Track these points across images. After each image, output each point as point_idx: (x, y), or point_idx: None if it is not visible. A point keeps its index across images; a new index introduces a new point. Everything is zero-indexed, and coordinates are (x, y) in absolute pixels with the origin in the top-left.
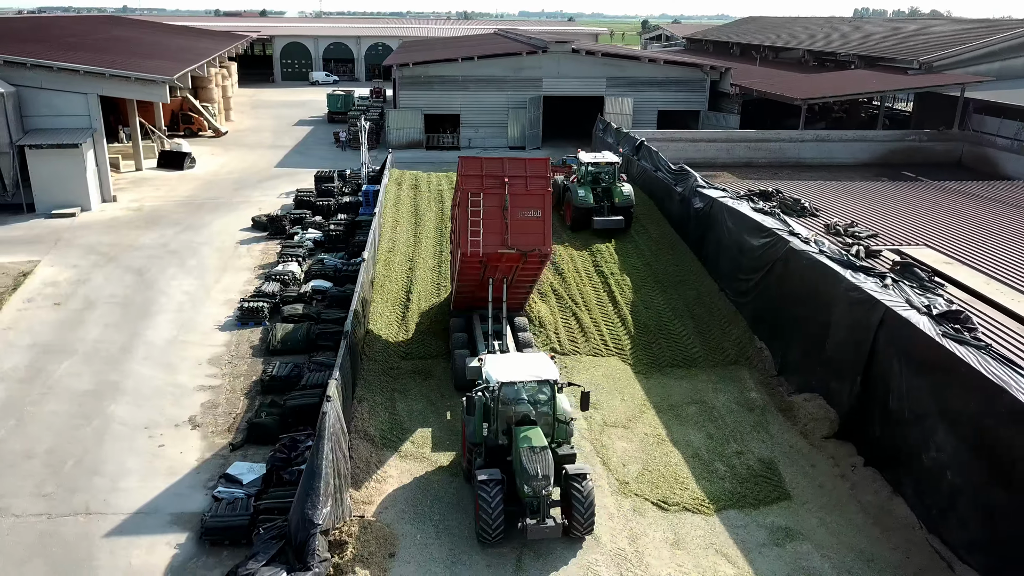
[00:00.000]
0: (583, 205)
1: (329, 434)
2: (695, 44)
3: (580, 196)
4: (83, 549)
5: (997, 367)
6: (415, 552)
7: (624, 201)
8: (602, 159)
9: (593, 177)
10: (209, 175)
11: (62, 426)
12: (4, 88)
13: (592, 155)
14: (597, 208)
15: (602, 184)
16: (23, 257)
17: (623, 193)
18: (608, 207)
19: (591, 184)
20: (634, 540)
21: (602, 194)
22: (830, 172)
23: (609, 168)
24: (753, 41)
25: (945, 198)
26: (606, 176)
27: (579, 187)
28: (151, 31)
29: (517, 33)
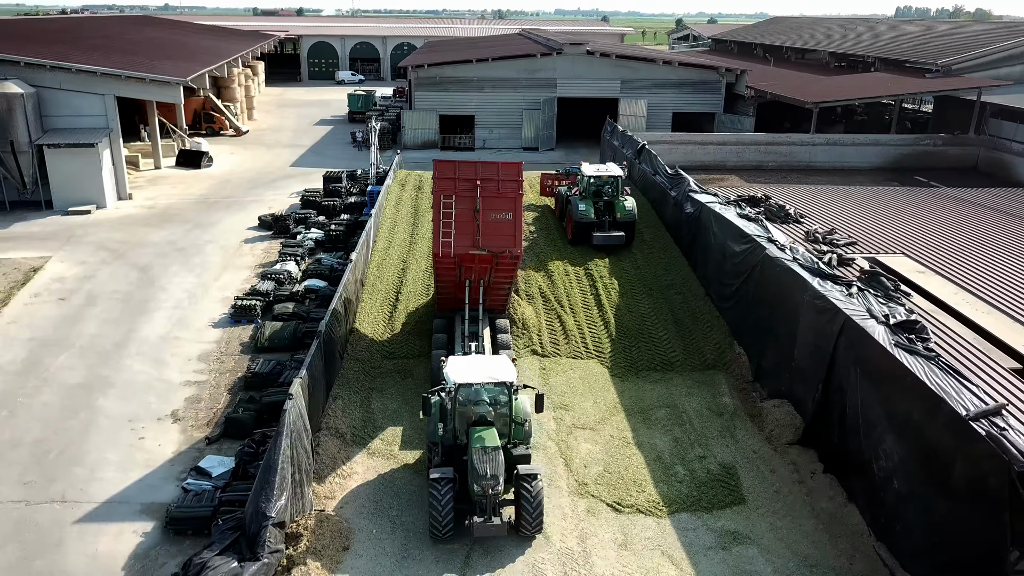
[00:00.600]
0: (583, 219)
1: (289, 431)
2: (720, 45)
3: (580, 210)
4: (55, 535)
5: (941, 377)
6: (368, 546)
7: (626, 216)
8: (605, 172)
9: (595, 190)
10: (225, 174)
11: (51, 417)
12: (24, 89)
13: (595, 167)
14: (598, 223)
15: (604, 198)
16: (36, 253)
17: (625, 208)
18: (609, 222)
19: (593, 197)
20: (583, 540)
21: (604, 208)
22: (841, 176)
23: (612, 181)
24: (777, 42)
25: (946, 206)
26: (609, 189)
27: (580, 200)
28: (180, 31)
29: (539, 34)
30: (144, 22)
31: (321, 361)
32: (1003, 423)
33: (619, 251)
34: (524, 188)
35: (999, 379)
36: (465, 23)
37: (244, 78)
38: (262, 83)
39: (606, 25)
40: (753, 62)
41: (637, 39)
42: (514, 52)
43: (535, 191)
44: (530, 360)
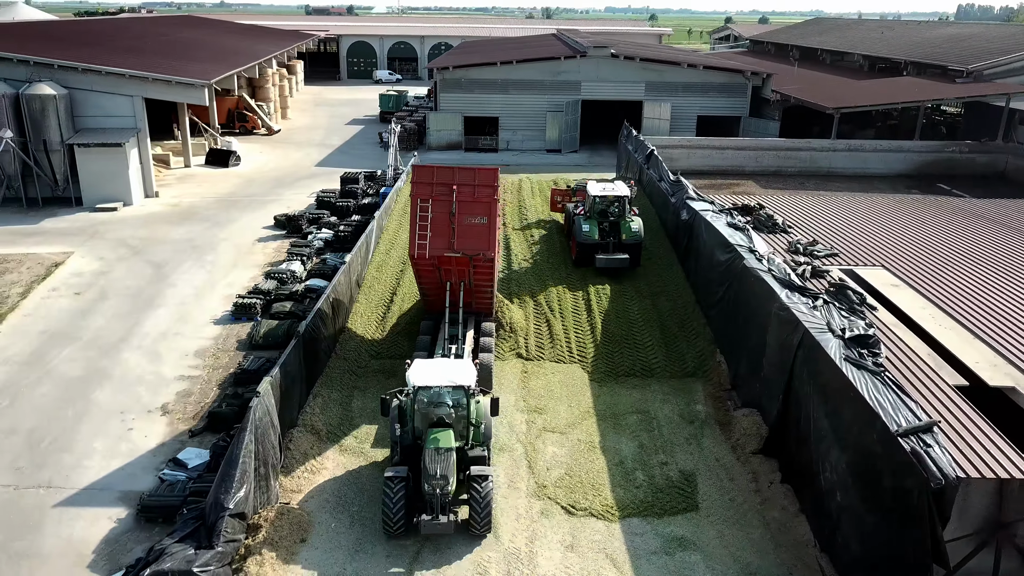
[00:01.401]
0: (587, 241)
1: (253, 427)
2: (758, 46)
3: (584, 231)
4: (36, 518)
5: (882, 392)
6: (325, 539)
7: (632, 238)
8: (611, 192)
9: (601, 210)
10: (252, 172)
11: (48, 407)
12: (57, 91)
13: (601, 186)
14: (602, 244)
15: (610, 218)
16: (60, 248)
17: (631, 229)
18: (614, 243)
19: (599, 217)
20: (532, 541)
21: (609, 229)
22: (861, 183)
23: (618, 201)
24: (813, 44)
25: (951, 217)
26: (615, 209)
27: (584, 221)
28: (218, 32)
29: (573, 35)
30: (185, 23)
31: (300, 360)
32: (931, 440)
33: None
34: (536, 200)
35: (941, 396)
36: (502, 23)
37: (279, 78)
38: (301, 82)
39: (644, 25)
40: (787, 64)
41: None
42: (539, 55)
43: (545, 203)
44: (514, 363)
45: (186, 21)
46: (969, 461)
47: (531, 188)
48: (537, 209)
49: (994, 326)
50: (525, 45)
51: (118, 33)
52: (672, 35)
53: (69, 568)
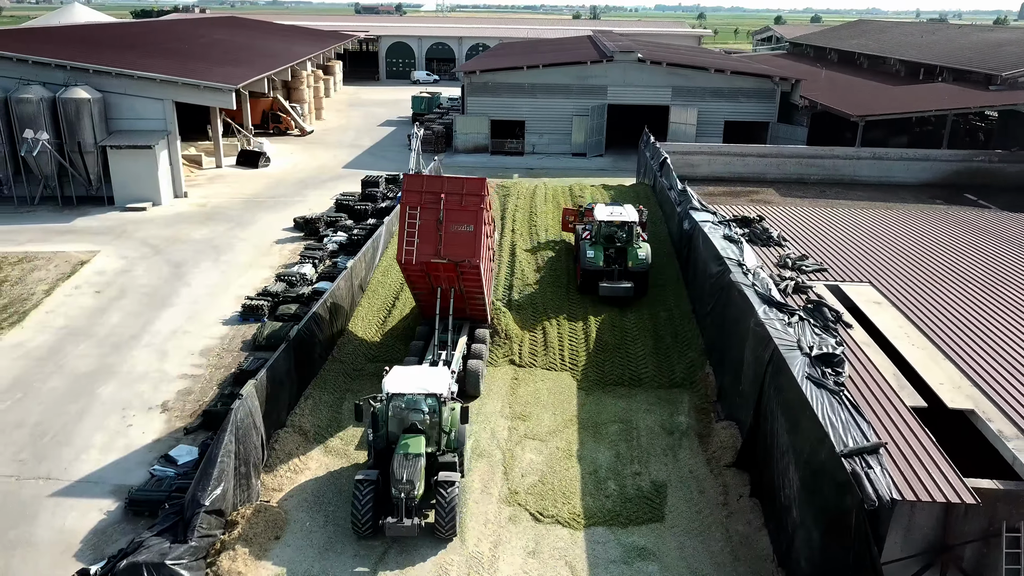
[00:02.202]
0: (591, 267)
1: (234, 428)
2: (797, 48)
3: (589, 257)
4: (32, 508)
5: (837, 411)
6: (298, 537)
7: (639, 265)
8: (618, 217)
9: (607, 236)
10: (280, 174)
11: (55, 402)
12: (91, 94)
13: (608, 210)
14: (607, 271)
15: (617, 244)
16: (87, 247)
17: (638, 256)
18: (619, 271)
19: (605, 242)
20: (496, 546)
21: (615, 255)
22: (884, 192)
23: (625, 227)
24: (851, 48)
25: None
26: (622, 235)
27: (590, 246)
28: (257, 33)
29: (609, 37)
30: (227, 24)
31: (290, 363)
32: (875, 462)
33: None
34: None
35: (896, 417)
36: (540, 25)
37: (313, 79)
38: (339, 82)
39: (683, 26)
40: (825, 68)
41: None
42: (567, 59)
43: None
44: (505, 369)
45: (228, 23)
46: (907, 483)
47: (545, 195)
48: (548, 216)
49: (967, 346)
50: (559, 48)
51: (158, 36)
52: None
53: (57, 557)
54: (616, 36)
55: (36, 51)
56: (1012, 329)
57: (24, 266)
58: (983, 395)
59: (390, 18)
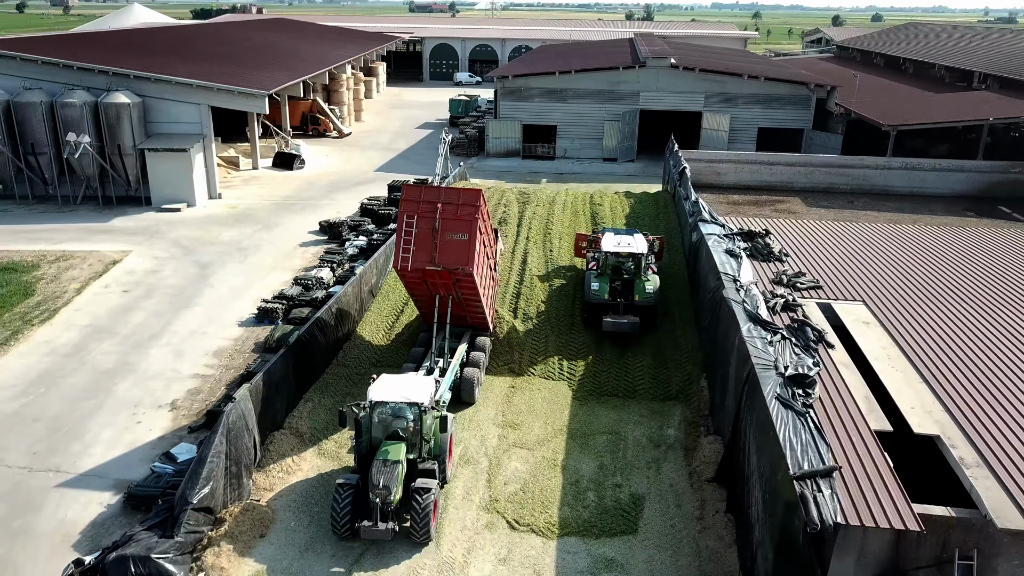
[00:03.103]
0: (594, 300)
1: (225, 429)
2: (844, 52)
3: (593, 289)
4: (39, 499)
5: (799, 433)
6: (282, 536)
7: (645, 299)
8: (625, 248)
9: (614, 267)
10: (312, 176)
11: (73, 397)
12: (131, 99)
13: (616, 240)
14: (612, 305)
15: (624, 275)
16: (121, 246)
17: (645, 290)
18: (624, 304)
19: (612, 273)
20: (469, 552)
21: (621, 288)
22: (915, 203)
23: (633, 258)
24: (896, 52)
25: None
26: (629, 266)
27: (595, 277)
28: (302, 36)
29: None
30: (273, 26)
31: (288, 367)
32: (827, 485)
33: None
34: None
35: (857, 441)
36: (584, 26)
37: (353, 82)
38: (382, 83)
39: (732, 28)
40: (863, 73)
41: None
42: (599, 64)
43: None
44: (504, 377)
45: (275, 25)
46: (855, 507)
47: (564, 202)
48: (564, 224)
49: (948, 370)
50: (597, 51)
51: (203, 40)
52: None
53: (56, 546)
54: (654, 40)
55: (82, 57)
56: (996, 354)
57: (60, 264)
58: (952, 420)
59: (435, 19)
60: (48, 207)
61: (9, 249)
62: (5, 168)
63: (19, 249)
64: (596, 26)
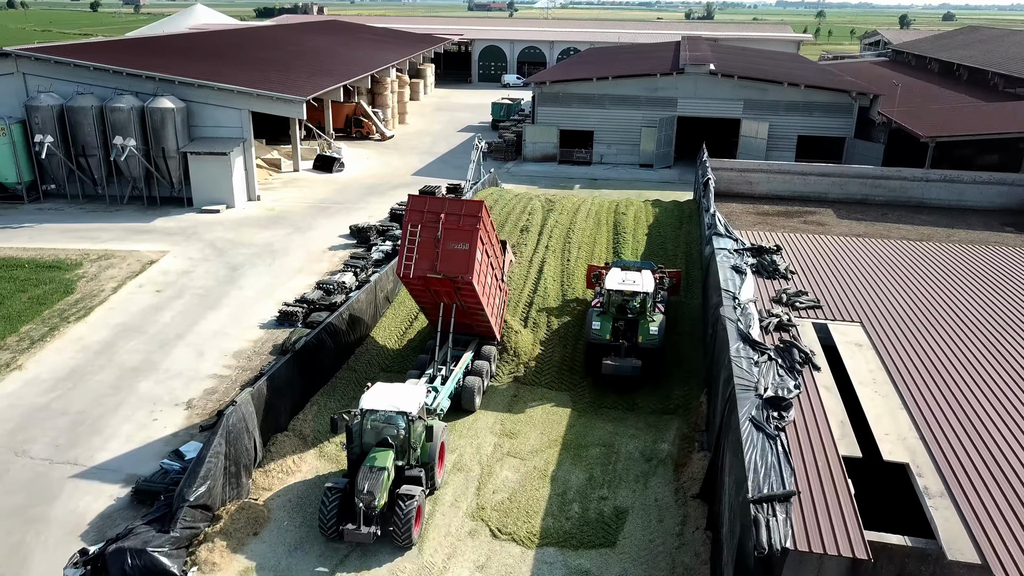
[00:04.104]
0: (595, 340)
1: (225, 431)
2: (899, 56)
3: (594, 329)
4: (55, 489)
5: (765, 456)
6: (275, 535)
7: (649, 342)
8: (629, 286)
9: (619, 305)
10: (350, 179)
11: (98, 393)
12: (175, 104)
13: (621, 277)
14: (614, 346)
15: (628, 314)
16: (159, 247)
17: (649, 332)
18: (627, 346)
19: (616, 312)
20: (450, 557)
21: (625, 328)
22: (952, 216)
23: (638, 298)
24: (952, 58)
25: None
26: (634, 305)
27: (597, 316)
28: (351, 38)
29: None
30: (323, 29)
31: (293, 372)
32: (782, 510)
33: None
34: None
35: (823, 466)
36: (634, 28)
37: (397, 85)
38: (430, 85)
39: (787, 31)
40: (920, 78)
41: (844, 37)
42: (638, 70)
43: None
44: (508, 386)
45: (327, 27)
46: (807, 533)
47: (588, 211)
48: (585, 233)
49: (931, 397)
50: (642, 54)
51: (252, 43)
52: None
53: (65, 535)
54: (700, 44)
55: (133, 63)
56: (985, 383)
57: (101, 263)
58: (925, 449)
59: (487, 20)
60: (97, 206)
61: (56, 247)
62: (58, 169)
63: (65, 248)
64: (648, 28)
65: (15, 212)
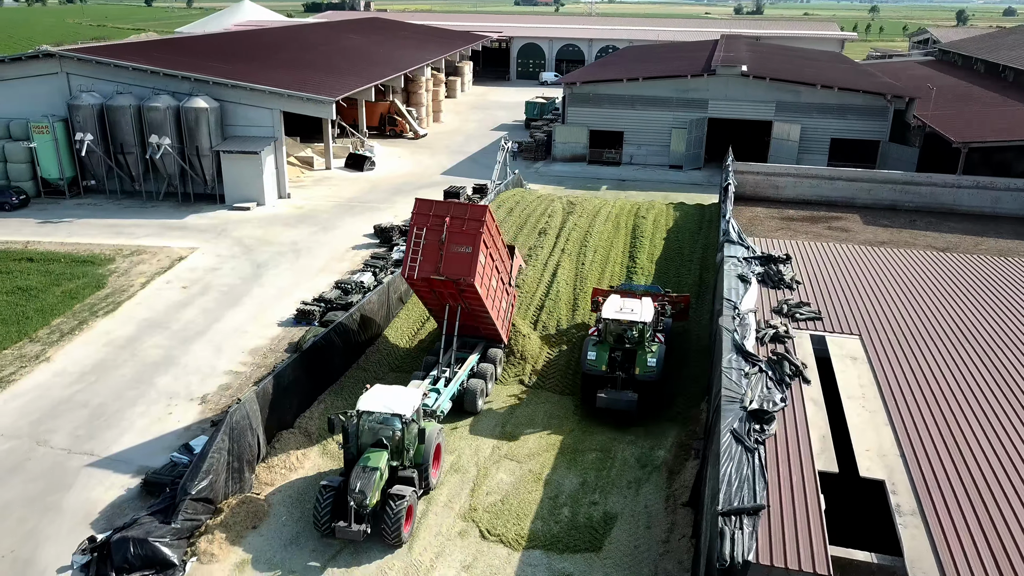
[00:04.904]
0: (591, 371)
1: (229, 428)
2: (945, 56)
3: (589, 359)
4: (71, 478)
5: (741, 468)
6: (272, 529)
7: (646, 374)
8: (627, 315)
9: (617, 335)
10: (379, 178)
11: (119, 387)
12: (209, 104)
13: (619, 305)
14: (610, 378)
15: (626, 344)
16: (189, 243)
17: (646, 364)
18: (623, 378)
19: (614, 341)
20: (438, 557)
21: (622, 359)
22: (983, 224)
23: (636, 328)
24: (998, 59)
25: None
26: (632, 335)
27: (593, 346)
28: (390, 36)
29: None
30: (362, 27)
31: (301, 371)
32: (749, 523)
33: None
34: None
35: (797, 480)
36: (674, 26)
37: (432, 84)
38: (468, 83)
39: (833, 28)
40: (965, 80)
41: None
42: (666, 72)
43: (618, 232)
44: (512, 389)
45: (366, 26)
46: (771, 547)
47: (608, 214)
48: (602, 237)
49: (917, 414)
50: (682, 54)
51: (289, 43)
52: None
53: (77, 523)
54: (738, 43)
55: (169, 63)
56: (974, 402)
57: (133, 259)
58: (904, 466)
59: (525, 18)
60: (134, 202)
61: (92, 242)
62: (98, 165)
63: (100, 243)
64: (691, 24)
65: (57, 206)
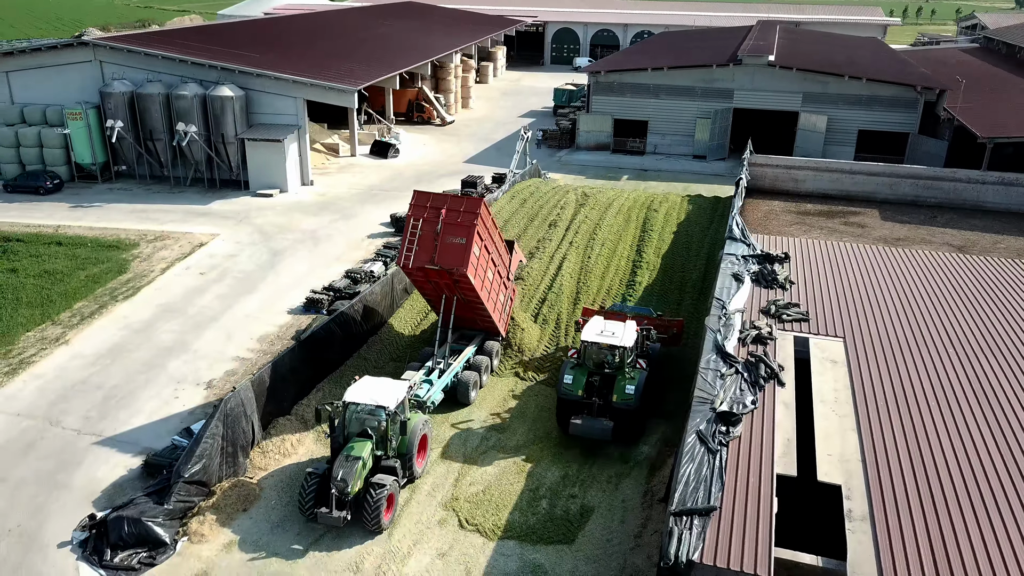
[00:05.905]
0: (566, 396)
1: (223, 414)
2: (990, 43)
3: (566, 383)
4: (80, 457)
5: (700, 469)
6: (262, 512)
7: (623, 401)
8: (607, 339)
9: (597, 360)
10: (403, 165)
11: (132, 370)
12: (235, 92)
13: (599, 327)
14: (587, 404)
15: (606, 369)
16: (212, 229)
17: (624, 391)
18: (599, 405)
19: (593, 366)
20: (415, 544)
21: (600, 384)
22: (1005, 221)
23: (616, 352)
24: None
25: None
26: (612, 360)
27: (570, 369)
28: (423, 22)
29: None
30: (396, 12)
31: (300, 360)
32: (699, 524)
33: (663, 289)
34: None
35: (754, 483)
36: (711, 11)
37: (461, 70)
38: (501, 68)
39: (877, 14)
40: (1006, 69)
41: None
42: (691, 61)
43: (629, 225)
44: (508, 381)
45: (401, 11)
46: (717, 547)
47: (619, 207)
48: (612, 230)
49: (886, 421)
50: (714, 40)
51: (320, 29)
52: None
53: (81, 500)
54: (771, 30)
55: (198, 52)
56: (943, 410)
57: (156, 244)
58: (863, 471)
59: (559, 2)
60: (162, 187)
61: (119, 227)
62: (129, 151)
63: (127, 227)
64: (729, 9)
65: (89, 191)
